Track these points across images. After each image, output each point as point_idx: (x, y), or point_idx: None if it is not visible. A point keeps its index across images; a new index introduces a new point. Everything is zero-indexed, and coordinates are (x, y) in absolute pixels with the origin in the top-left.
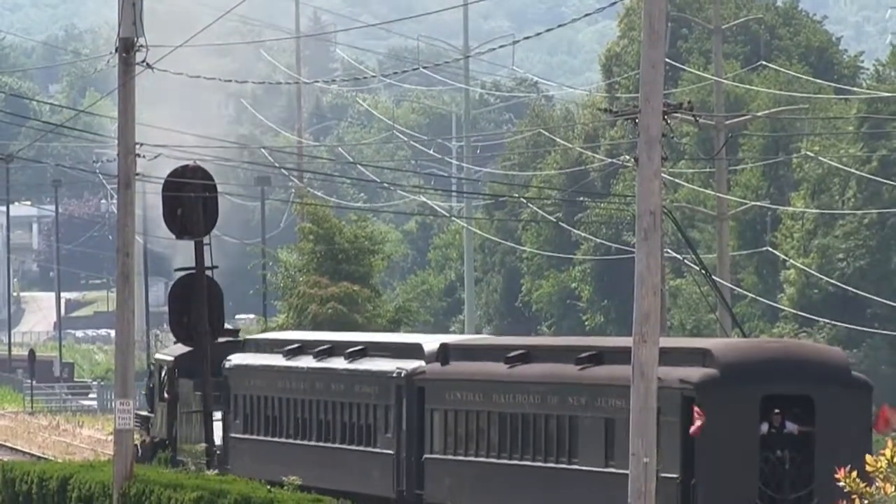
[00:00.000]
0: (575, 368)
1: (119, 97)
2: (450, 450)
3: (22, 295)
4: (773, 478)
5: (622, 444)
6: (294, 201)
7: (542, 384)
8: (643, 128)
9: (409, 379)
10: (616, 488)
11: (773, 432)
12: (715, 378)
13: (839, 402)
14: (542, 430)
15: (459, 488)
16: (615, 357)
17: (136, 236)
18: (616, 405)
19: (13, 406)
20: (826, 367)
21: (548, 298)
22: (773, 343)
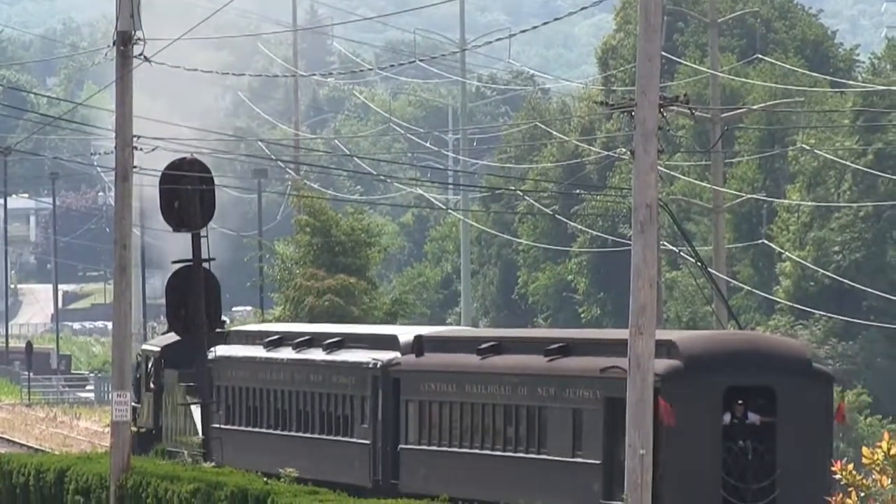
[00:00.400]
0: (544, 360)
1: (116, 90)
2: (424, 440)
3: (19, 287)
4: (735, 467)
5: (589, 434)
6: (291, 194)
7: (513, 375)
8: (639, 121)
9: (385, 370)
10: (583, 478)
11: (736, 423)
12: (679, 369)
13: (801, 393)
14: (513, 420)
15: (434, 478)
16: (583, 349)
17: (133, 229)
18: (583, 396)
19: (10, 398)
20: (788, 359)
21: (544, 291)
22: (736, 335)
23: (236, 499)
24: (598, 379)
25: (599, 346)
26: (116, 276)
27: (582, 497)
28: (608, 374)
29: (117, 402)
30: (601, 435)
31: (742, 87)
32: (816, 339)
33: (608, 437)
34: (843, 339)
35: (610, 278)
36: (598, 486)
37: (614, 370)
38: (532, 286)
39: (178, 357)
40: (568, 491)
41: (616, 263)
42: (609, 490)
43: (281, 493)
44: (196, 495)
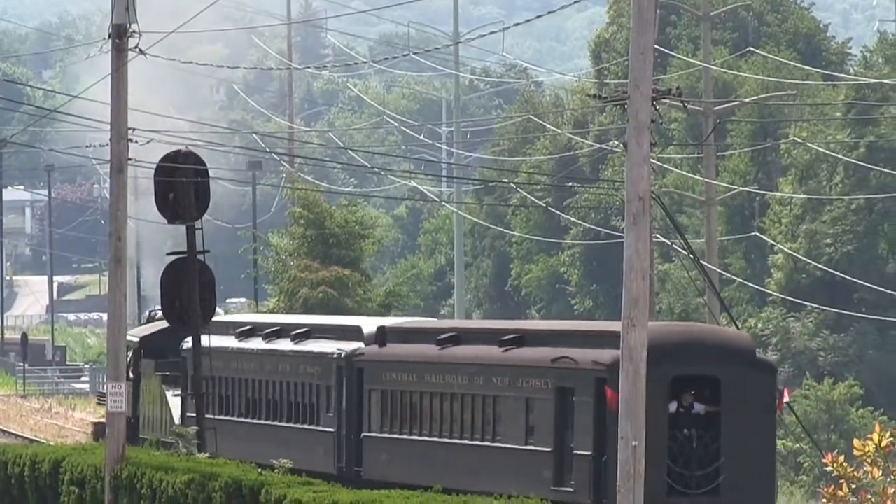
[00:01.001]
0: (499, 350)
1: (112, 83)
2: (386, 428)
3: (15, 279)
4: (681, 455)
5: (540, 422)
6: (285, 186)
7: (469, 365)
8: (632, 114)
9: (349, 360)
10: (535, 465)
11: (682, 412)
12: None
13: (744, 383)
14: (469, 409)
15: (395, 465)
16: (536, 340)
17: (128, 220)
18: (535, 385)
19: (6, 389)
20: (732, 350)
21: (537, 283)
22: (682, 326)
23: (230, 490)
24: (549, 369)
25: (552, 338)
26: (111, 267)
27: (533, 484)
28: (559, 365)
29: (112, 392)
30: (552, 424)
31: (734, 80)
32: (808, 332)
33: (558, 425)
34: (834, 332)
35: (602, 270)
36: (548, 473)
37: (564, 360)
38: (525, 278)
39: (156, 347)
40: (520, 478)
41: (609, 255)
42: (559, 477)
43: (275, 484)
44: (190, 486)
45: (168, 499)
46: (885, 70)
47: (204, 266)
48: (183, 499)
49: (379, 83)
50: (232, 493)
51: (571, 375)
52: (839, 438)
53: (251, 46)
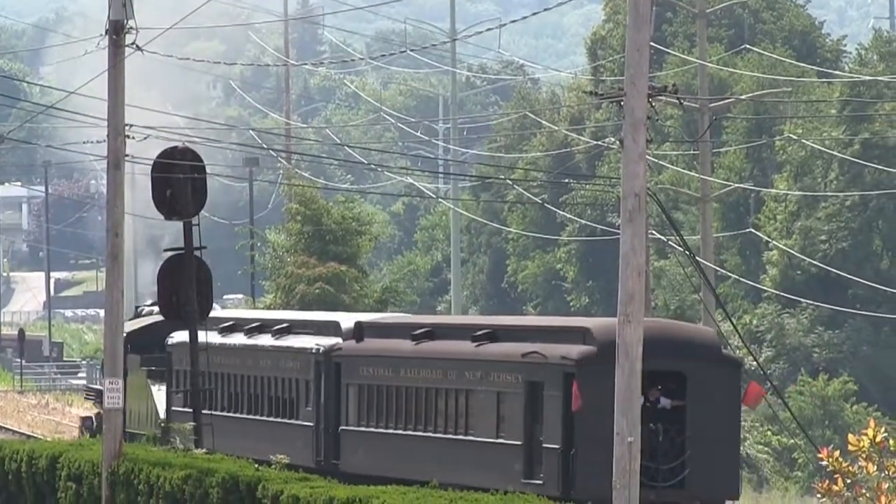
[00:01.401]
0: (471, 345)
1: (109, 79)
2: (363, 422)
3: (12, 275)
4: (647, 449)
5: (511, 416)
6: (282, 182)
7: (443, 360)
8: (628, 110)
9: (327, 355)
10: (506, 458)
11: (648, 406)
12: (593, 355)
13: (710, 378)
14: (443, 403)
15: (372, 458)
16: (507, 335)
17: (125, 216)
18: (506, 380)
19: (3, 385)
20: (698, 346)
21: (533, 279)
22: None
23: (227, 485)
24: (520, 364)
25: (523, 333)
26: (109, 263)
27: (504, 476)
28: (529, 360)
29: (109, 389)
30: (522, 417)
31: (730, 77)
32: (803, 328)
33: (528, 419)
34: (829, 328)
35: (598, 267)
36: (518, 466)
37: (534, 355)
38: (521, 274)
39: (142, 343)
40: (492, 470)
41: (604, 252)
42: (529, 470)
43: (272, 480)
44: (187, 482)
45: (165, 494)
46: (879, 67)
47: (201, 262)
48: (180, 494)
49: (376, 80)
50: (229, 489)
51: (541, 370)
52: (833, 434)
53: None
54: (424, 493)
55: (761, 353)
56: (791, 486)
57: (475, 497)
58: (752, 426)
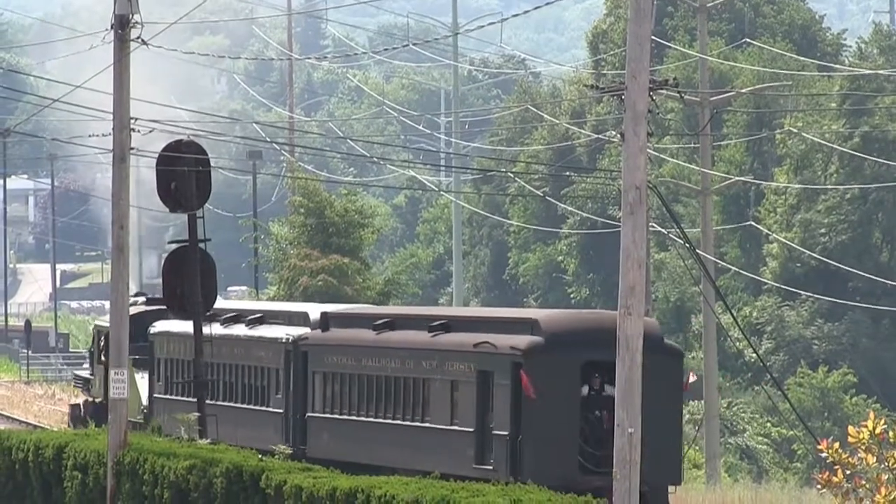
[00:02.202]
0: (427, 336)
1: (114, 73)
2: (328, 409)
3: (18, 267)
4: (592, 435)
5: (464, 404)
6: (285, 175)
7: (402, 349)
8: (629, 104)
9: (296, 344)
10: (459, 444)
11: (593, 394)
12: (540, 345)
13: (652, 367)
14: (402, 391)
15: (336, 444)
16: (462, 326)
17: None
18: (460, 369)
19: (9, 375)
20: None
21: (534, 271)
22: (593, 314)
23: (231, 475)
24: (472, 353)
25: (476, 324)
26: (114, 255)
27: (458, 462)
28: (480, 349)
29: (115, 379)
30: (474, 405)
31: (730, 70)
32: (803, 320)
33: (480, 407)
34: (829, 320)
35: (599, 259)
36: (471, 452)
37: (485, 345)
38: (522, 267)
39: None
40: (446, 456)
41: (605, 245)
42: (480, 455)
43: (275, 470)
44: (192, 472)
45: (170, 484)
46: (879, 61)
47: (205, 254)
48: (184, 484)
49: (378, 73)
50: (233, 479)
51: (491, 360)
52: (833, 426)
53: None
54: (426, 484)
55: (761, 346)
56: (790, 477)
57: (476, 488)
58: (752, 417)
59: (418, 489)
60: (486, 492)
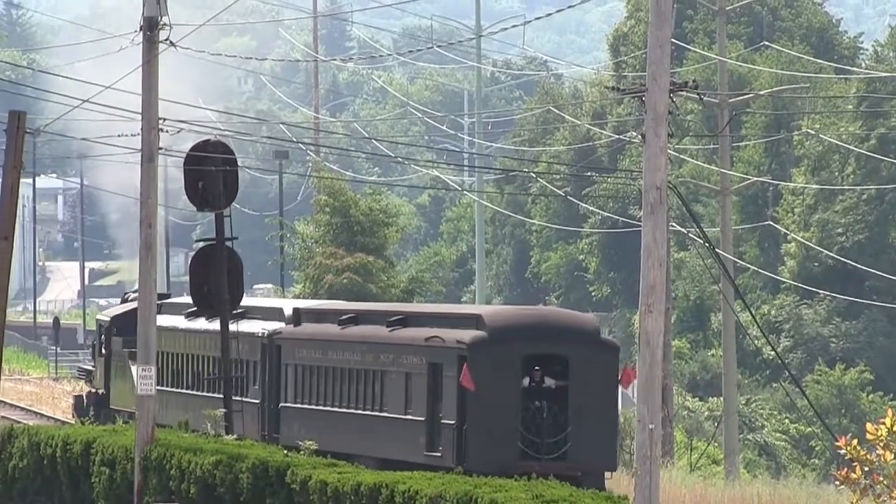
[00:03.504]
0: (386, 330)
1: (143, 74)
2: (299, 399)
3: (47, 264)
4: (533, 424)
5: (417, 395)
6: (311, 175)
7: (362, 343)
8: (650, 105)
9: (270, 338)
10: (412, 432)
11: (534, 386)
12: (484, 339)
13: (590, 360)
14: (362, 382)
15: (305, 432)
16: (416, 321)
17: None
18: (413, 362)
19: (38, 372)
20: (579, 331)
21: (556, 270)
22: (534, 310)
23: (257, 471)
24: (423, 347)
25: (429, 319)
26: (142, 253)
27: (411, 449)
28: (430, 343)
29: (142, 376)
30: (425, 396)
31: (749, 73)
32: (820, 318)
33: (431, 397)
34: (846, 318)
35: (620, 258)
36: (422, 440)
37: (435, 339)
38: (544, 265)
39: (124, 326)
40: (401, 444)
41: (626, 244)
42: (431, 443)
43: (300, 465)
44: (218, 467)
45: (196, 479)
46: (895, 64)
47: (232, 253)
48: (211, 479)
49: (403, 75)
50: (259, 474)
51: (440, 353)
52: (850, 423)
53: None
54: (449, 479)
55: (779, 343)
56: (808, 473)
57: (498, 483)
58: (770, 414)
59: (441, 485)
60: (508, 487)
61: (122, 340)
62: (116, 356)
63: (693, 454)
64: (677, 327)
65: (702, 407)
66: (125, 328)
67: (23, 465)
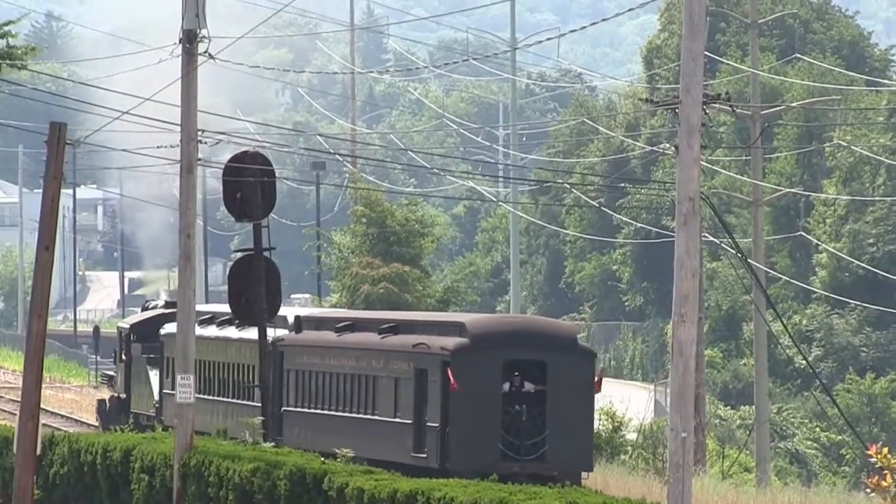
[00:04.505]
0: (377, 337)
1: (182, 86)
2: (300, 403)
3: (87, 274)
4: (513, 427)
5: (405, 399)
6: (348, 186)
7: (357, 349)
8: (683, 117)
9: (274, 345)
10: (400, 434)
11: (514, 390)
12: (466, 346)
13: (567, 366)
14: (357, 386)
15: (305, 434)
16: (406, 328)
17: (196, 218)
18: (401, 367)
19: (78, 380)
20: (557, 338)
21: (590, 280)
22: (515, 318)
23: (294, 478)
24: (411, 353)
25: (417, 326)
26: (181, 263)
27: (399, 450)
28: (417, 350)
29: (181, 384)
30: (412, 400)
31: (781, 85)
32: (851, 328)
33: (417, 401)
34: (876, 328)
35: (653, 268)
36: (409, 442)
37: (421, 346)
38: (578, 275)
39: (144, 333)
40: (391, 445)
41: (659, 254)
42: (418, 444)
43: (337, 473)
44: (256, 474)
45: (234, 486)
46: None
47: (270, 263)
48: (249, 486)
49: (438, 87)
50: (296, 481)
51: (426, 359)
52: (880, 431)
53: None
54: (484, 487)
55: (811, 353)
56: (839, 480)
57: (534, 491)
58: (802, 422)
59: (476, 492)
60: (542, 494)
61: (140, 347)
62: (136, 362)
63: (725, 462)
64: (710, 337)
65: (734, 415)
66: (144, 335)
67: (63, 471)
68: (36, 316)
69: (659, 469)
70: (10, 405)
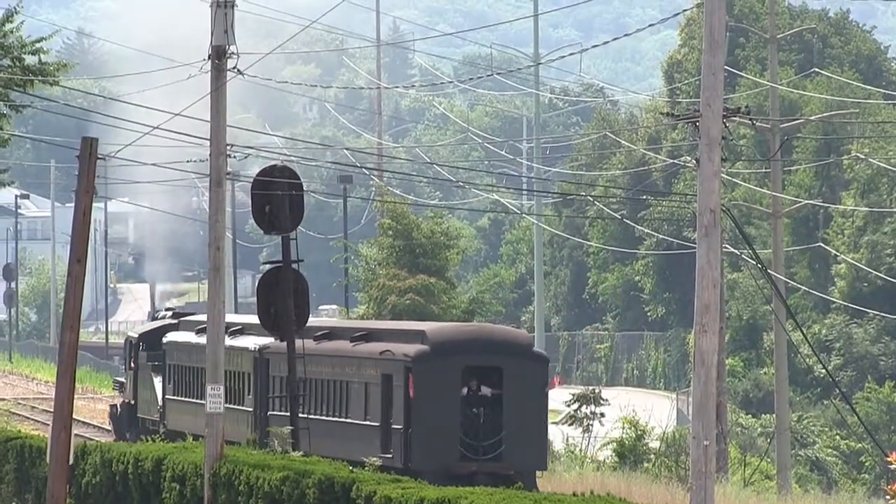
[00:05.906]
0: (350, 345)
1: (211, 101)
2: (284, 408)
3: (118, 286)
4: (471, 428)
5: (373, 402)
6: (374, 199)
7: (331, 356)
8: (704, 130)
9: (261, 352)
10: (369, 436)
11: (472, 394)
12: (426, 352)
13: (522, 371)
14: (332, 391)
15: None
16: (375, 336)
17: (226, 231)
18: (370, 373)
19: (110, 391)
20: (513, 345)
21: (612, 291)
22: (472, 326)
23: (323, 486)
24: (378, 360)
25: (384, 334)
26: (210, 275)
27: (368, 450)
28: (383, 357)
29: (211, 395)
30: (380, 403)
31: (800, 99)
32: (870, 337)
33: (384, 405)
34: (895, 338)
35: (675, 279)
36: (378, 443)
37: (387, 353)
38: (601, 286)
39: (151, 342)
40: (362, 447)
41: (681, 265)
42: (385, 445)
43: (365, 481)
44: (285, 483)
45: (264, 495)
46: None
47: (298, 275)
48: (278, 495)
49: (463, 101)
50: (325, 490)
51: (391, 365)
52: None
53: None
54: (510, 495)
55: (830, 362)
56: (858, 488)
57: (558, 497)
58: (822, 430)
59: (502, 499)
60: (566, 501)
61: (147, 355)
62: (142, 369)
63: (746, 470)
64: (731, 346)
65: (755, 424)
66: (151, 344)
67: (96, 481)
68: (68, 328)
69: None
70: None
